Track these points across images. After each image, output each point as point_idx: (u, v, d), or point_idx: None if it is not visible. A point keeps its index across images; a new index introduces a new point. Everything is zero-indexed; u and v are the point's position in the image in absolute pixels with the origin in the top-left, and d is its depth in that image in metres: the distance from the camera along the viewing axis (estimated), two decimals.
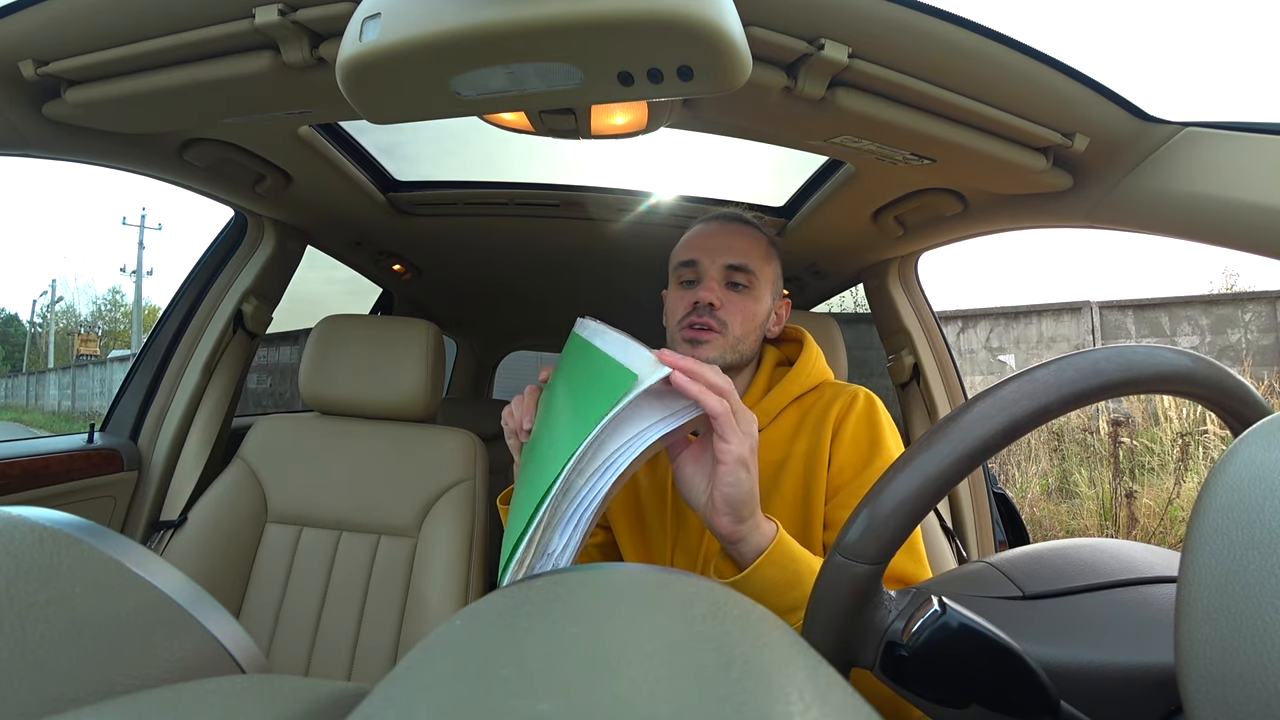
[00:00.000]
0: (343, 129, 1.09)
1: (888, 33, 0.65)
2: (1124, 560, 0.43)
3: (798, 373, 0.81)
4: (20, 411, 24.70)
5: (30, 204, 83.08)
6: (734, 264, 0.79)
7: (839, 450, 0.75)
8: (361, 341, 1.14)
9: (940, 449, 0.35)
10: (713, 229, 0.83)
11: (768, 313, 0.82)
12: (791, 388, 0.80)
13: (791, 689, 0.15)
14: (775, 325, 0.86)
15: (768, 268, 0.82)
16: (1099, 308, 5.93)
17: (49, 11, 0.65)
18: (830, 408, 0.78)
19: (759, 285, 0.80)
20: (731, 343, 0.78)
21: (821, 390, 0.81)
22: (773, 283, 0.83)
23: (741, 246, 0.81)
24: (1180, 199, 0.71)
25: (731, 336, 0.78)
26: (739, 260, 0.79)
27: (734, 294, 0.79)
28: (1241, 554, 0.23)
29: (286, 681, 0.22)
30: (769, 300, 0.82)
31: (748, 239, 0.82)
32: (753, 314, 0.79)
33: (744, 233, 0.83)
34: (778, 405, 0.80)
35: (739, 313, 0.78)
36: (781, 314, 0.87)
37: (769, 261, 0.83)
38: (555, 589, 0.20)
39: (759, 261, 0.81)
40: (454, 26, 0.48)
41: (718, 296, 0.78)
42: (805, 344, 0.86)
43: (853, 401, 0.78)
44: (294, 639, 1.04)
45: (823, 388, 0.82)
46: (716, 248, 0.81)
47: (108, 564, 0.26)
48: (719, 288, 0.79)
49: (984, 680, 0.33)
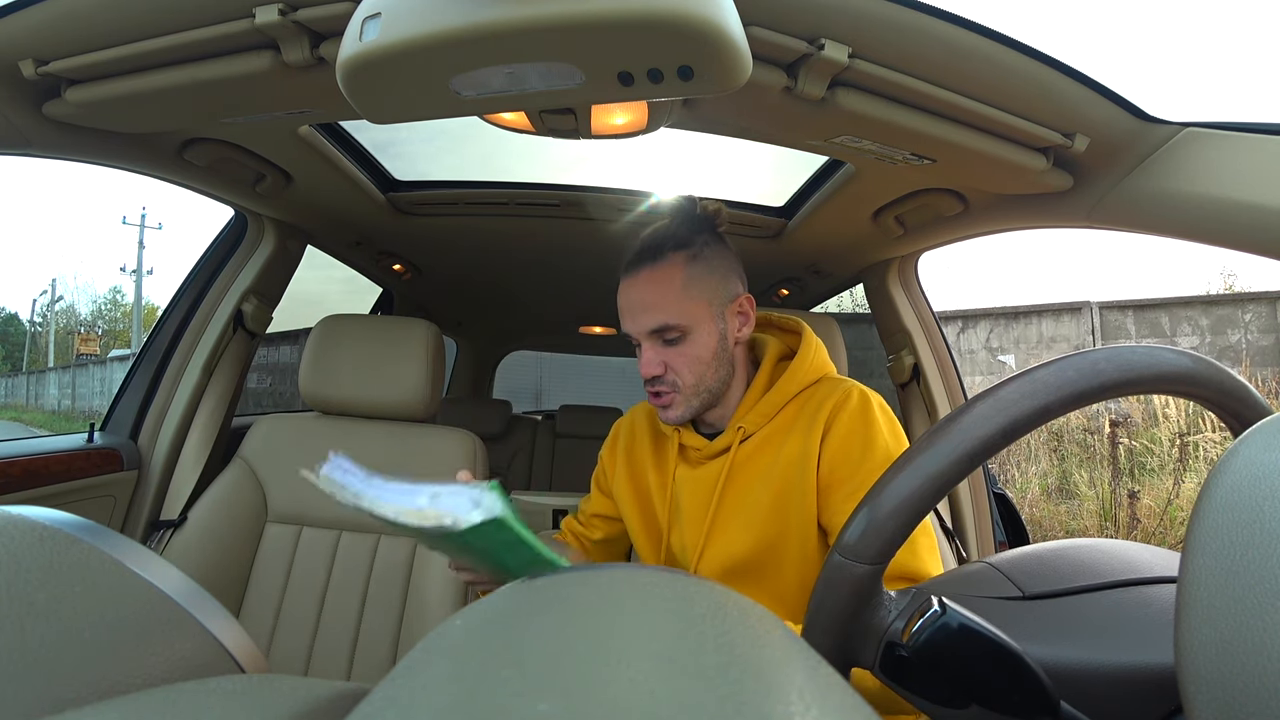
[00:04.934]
0: (342, 128, 1.09)
1: (888, 33, 0.65)
2: (1124, 560, 0.43)
3: (795, 369, 0.80)
4: (20, 411, 24.70)
5: (30, 203, 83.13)
6: (654, 327, 0.76)
7: (828, 450, 0.74)
8: (361, 341, 1.14)
9: (940, 449, 0.35)
10: (625, 285, 0.79)
11: (717, 337, 0.78)
12: (789, 386, 0.79)
13: (791, 689, 0.15)
14: (742, 328, 0.81)
15: (692, 299, 0.76)
16: (1099, 308, 5.93)
17: (49, 11, 0.65)
18: (823, 405, 0.76)
19: (692, 325, 0.76)
20: (690, 393, 0.77)
21: (820, 386, 0.80)
22: (709, 304, 0.77)
23: (653, 299, 0.76)
24: (1180, 199, 0.71)
25: (687, 388, 0.77)
26: (656, 322, 0.75)
27: (671, 349, 0.76)
28: (1241, 554, 0.23)
29: (286, 681, 0.22)
30: (713, 325, 0.77)
31: (657, 283, 0.76)
32: (696, 358, 0.77)
33: (653, 277, 0.76)
34: (775, 405, 0.79)
35: (683, 365, 0.77)
36: (747, 313, 0.81)
37: (690, 288, 0.76)
38: (555, 589, 0.20)
39: (677, 303, 0.75)
40: (454, 26, 0.48)
41: (657, 365, 0.77)
42: (804, 337, 0.84)
43: (845, 399, 0.76)
44: (294, 639, 1.04)
45: (822, 383, 0.80)
46: (633, 309, 0.77)
47: (108, 564, 0.26)
48: (653, 353, 0.77)
49: (984, 680, 0.33)
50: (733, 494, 0.77)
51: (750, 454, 0.78)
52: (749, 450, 0.78)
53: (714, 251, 0.78)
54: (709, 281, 0.77)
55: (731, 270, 0.80)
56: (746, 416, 0.79)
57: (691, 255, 0.76)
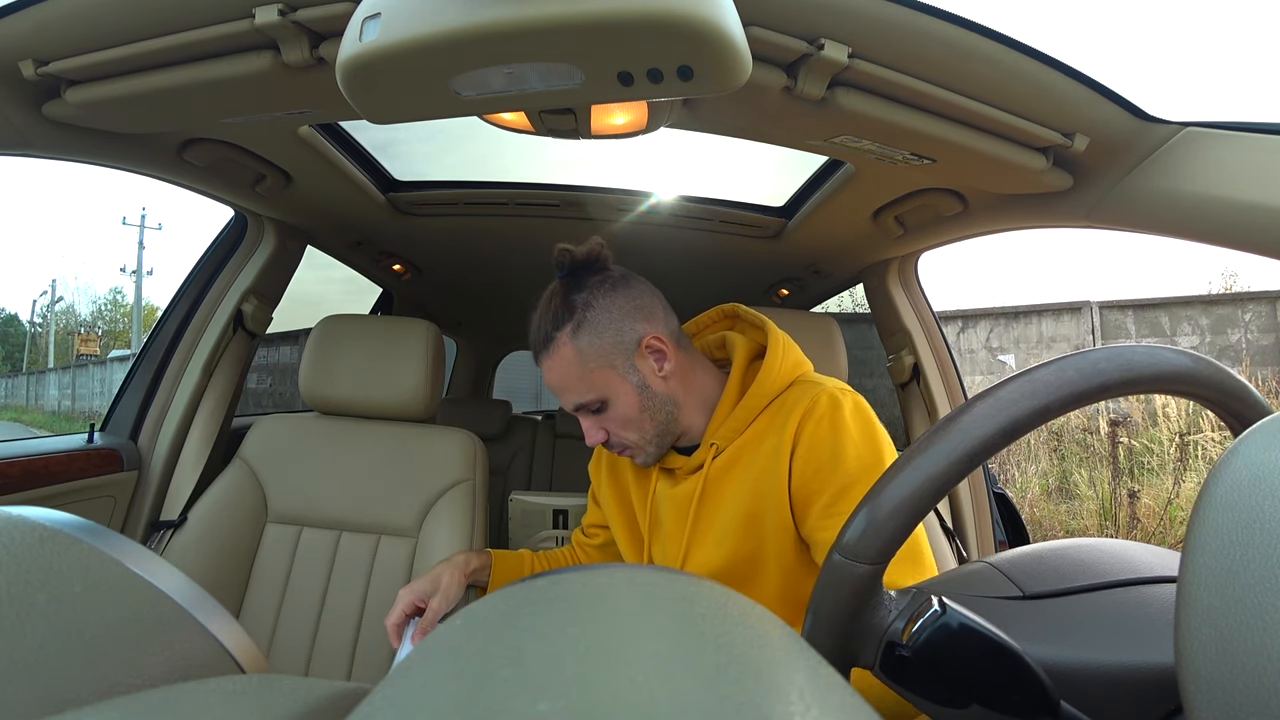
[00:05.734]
0: (342, 128, 1.09)
1: (888, 33, 0.65)
2: (1124, 560, 0.43)
3: (763, 378, 0.77)
4: (20, 411, 24.70)
5: (30, 204, 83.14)
6: (575, 407, 0.77)
7: (798, 462, 0.71)
8: (361, 341, 1.14)
9: (940, 449, 0.35)
10: (541, 369, 0.78)
11: (636, 391, 0.75)
12: (758, 398, 0.76)
13: (791, 689, 0.15)
14: (663, 365, 0.76)
15: (591, 371, 0.74)
16: (1099, 308, 5.93)
17: (49, 11, 0.65)
18: (792, 415, 0.73)
19: (605, 393, 0.75)
20: (643, 443, 0.78)
21: (791, 392, 0.76)
22: (611, 367, 0.74)
23: (559, 384, 0.76)
24: (1180, 199, 0.71)
25: (637, 441, 0.78)
26: (573, 401, 0.76)
27: (602, 417, 0.77)
28: (1241, 554, 0.23)
29: (286, 681, 0.22)
30: (625, 383, 0.75)
31: (556, 369, 0.75)
32: (626, 419, 0.76)
33: (551, 365, 0.76)
34: (746, 419, 0.76)
35: (618, 428, 0.77)
36: (661, 349, 0.76)
37: (586, 361, 0.74)
38: (555, 589, 0.20)
39: (581, 381, 0.74)
40: (454, 26, 0.48)
41: (598, 433, 0.78)
42: (769, 338, 0.79)
43: (813, 407, 0.72)
44: (294, 639, 1.04)
45: (794, 388, 0.77)
46: (555, 391, 0.78)
47: (108, 564, 0.26)
48: (590, 423, 0.78)
49: (984, 680, 0.33)
50: (707, 510, 0.77)
51: (724, 469, 0.76)
52: (723, 465, 0.77)
53: (600, 308, 0.74)
54: (602, 345, 0.74)
55: (627, 315, 0.75)
56: (718, 432, 0.77)
57: (575, 326, 0.74)
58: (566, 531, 1.49)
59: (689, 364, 0.80)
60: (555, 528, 1.50)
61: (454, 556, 0.92)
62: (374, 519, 1.08)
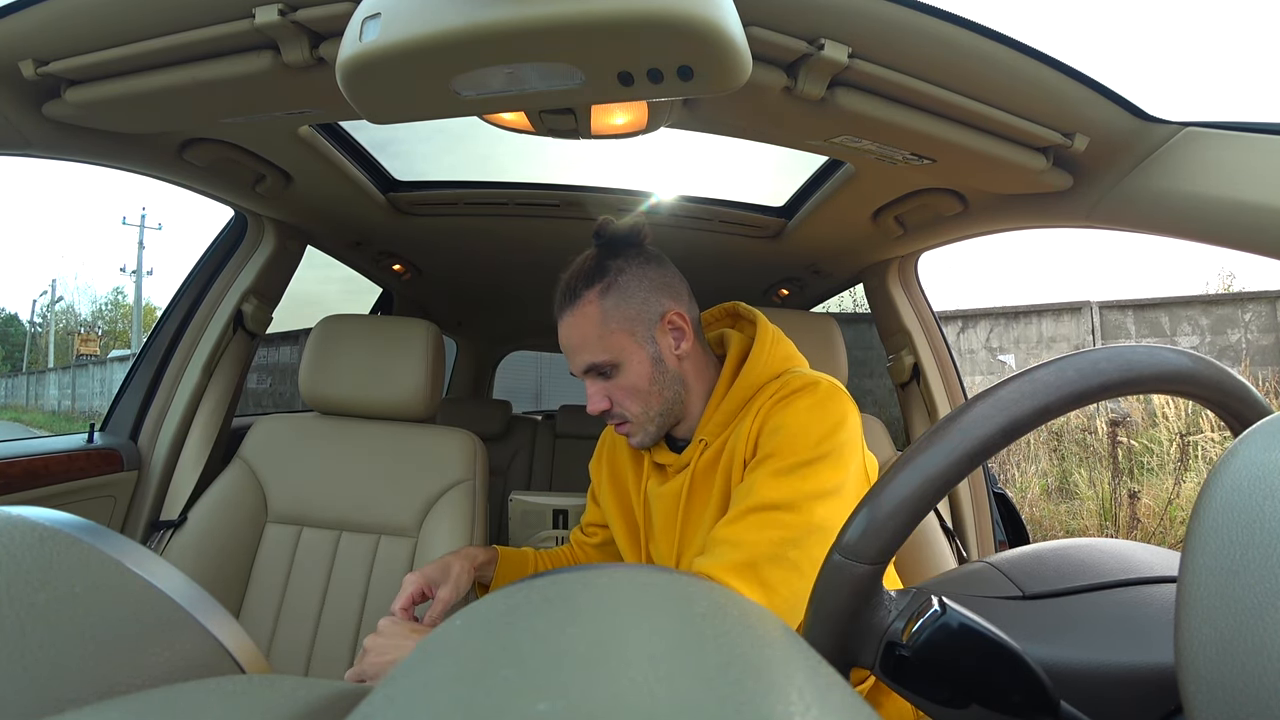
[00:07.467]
0: (342, 128, 1.09)
1: (888, 33, 0.65)
2: (1124, 560, 0.43)
3: (747, 372, 0.76)
4: (20, 411, 24.69)
5: (30, 204, 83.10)
6: (585, 367, 0.76)
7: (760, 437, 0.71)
8: (361, 341, 1.14)
9: (940, 449, 0.35)
10: (559, 329, 0.78)
11: (650, 362, 0.75)
12: (741, 391, 0.76)
13: (791, 689, 0.15)
14: (680, 344, 0.77)
15: (612, 333, 0.74)
16: (1099, 308, 5.93)
17: (49, 11, 0.65)
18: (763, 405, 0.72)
19: (619, 358, 0.75)
20: (642, 420, 0.77)
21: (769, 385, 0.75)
22: (631, 333, 0.75)
23: (576, 341, 0.76)
24: (1180, 199, 0.71)
25: (637, 416, 0.77)
26: (585, 362, 0.75)
27: (610, 383, 0.76)
28: (1241, 554, 0.23)
29: (286, 681, 0.22)
30: (642, 352, 0.75)
31: (577, 324, 0.75)
32: (634, 387, 0.75)
33: (572, 319, 0.76)
34: (731, 413, 0.76)
35: (624, 396, 0.76)
36: (682, 327, 0.77)
37: (609, 322, 0.74)
38: (555, 589, 0.20)
39: (599, 340, 0.74)
40: (454, 26, 0.48)
41: (602, 400, 0.77)
42: (757, 331, 0.79)
43: (778, 391, 0.72)
44: (294, 639, 1.04)
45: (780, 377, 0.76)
46: (567, 352, 0.77)
47: (108, 564, 0.26)
48: (595, 389, 0.77)
49: (984, 680, 0.33)
50: (694, 507, 0.77)
51: (708, 464, 0.76)
52: (707, 460, 0.76)
53: (631, 275, 0.75)
54: (627, 310, 0.75)
55: (655, 289, 0.76)
56: (706, 427, 0.77)
57: (605, 287, 0.74)
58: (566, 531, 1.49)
59: (700, 352, 0.81)
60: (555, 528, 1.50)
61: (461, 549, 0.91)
62: (374, 519, 1.08)
